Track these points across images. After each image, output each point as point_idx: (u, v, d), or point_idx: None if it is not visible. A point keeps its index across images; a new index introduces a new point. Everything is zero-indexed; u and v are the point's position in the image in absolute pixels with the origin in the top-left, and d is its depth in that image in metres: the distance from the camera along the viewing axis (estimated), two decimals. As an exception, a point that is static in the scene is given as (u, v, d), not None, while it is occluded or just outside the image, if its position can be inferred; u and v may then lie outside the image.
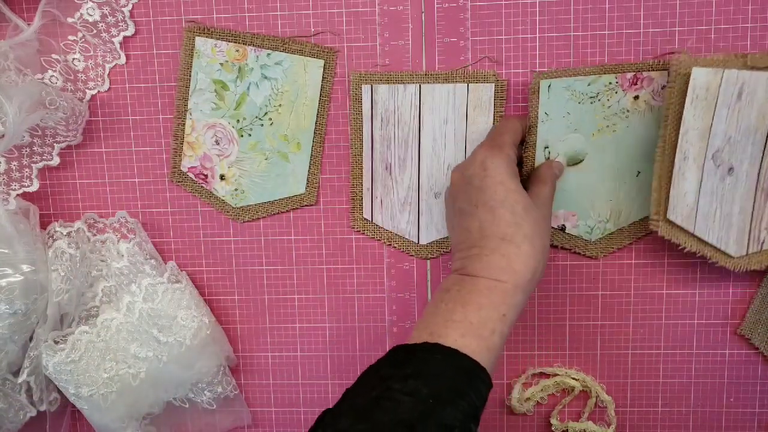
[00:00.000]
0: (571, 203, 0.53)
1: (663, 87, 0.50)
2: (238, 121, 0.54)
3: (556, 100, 0.52)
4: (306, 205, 0.56)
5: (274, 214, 0.56)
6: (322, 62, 0.53)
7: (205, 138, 0.55)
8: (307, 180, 0.55)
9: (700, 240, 0.49)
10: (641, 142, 0.52)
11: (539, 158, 0.52)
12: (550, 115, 0.52)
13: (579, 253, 0.54)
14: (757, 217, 0.48)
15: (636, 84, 0.51)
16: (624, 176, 0.52)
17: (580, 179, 0.53)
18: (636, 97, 0.51)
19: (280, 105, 0.54)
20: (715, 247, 0.49)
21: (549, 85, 0.51)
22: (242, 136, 0.55)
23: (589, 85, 0.51)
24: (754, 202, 0.47)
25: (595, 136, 0.52)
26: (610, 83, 0.51)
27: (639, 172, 0.52)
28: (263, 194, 0.56)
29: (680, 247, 0.49)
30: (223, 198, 0.56)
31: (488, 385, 0.41)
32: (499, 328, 0.42)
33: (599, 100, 0.51)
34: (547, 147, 0.52)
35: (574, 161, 0.53)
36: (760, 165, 0.47)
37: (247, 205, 0.56)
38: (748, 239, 0.48)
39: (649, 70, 0.51)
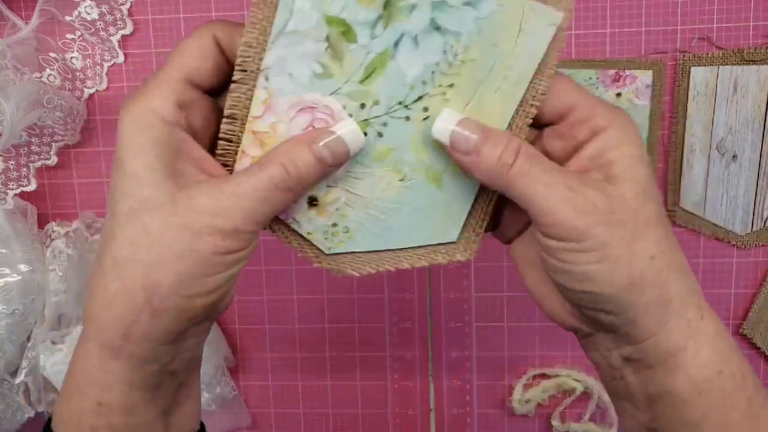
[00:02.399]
0: None
1: (647, 86, 0.51)
2: (362, 105, 0.29)
3: None
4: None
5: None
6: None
7: (291, 128, 0.29)
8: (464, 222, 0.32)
9: (712, 224, 0.53)
10: None
11: None
12: None
13: None
14: (761, 198, 0.52)
15: (618, 81, 0.51)
16: None
17: None
18: (618, 95, 0.51)
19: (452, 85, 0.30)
20: (724, 229, 0.53)
21: None
22: (366, 133, 0.30)
23: None
24: (757, 184, 0.52)
25: None
26: (590, 78, 0.51)
27: None
28: (382, 242, 0.32)
29: (697, 232, 0.53)
30: (309, 234, 0.31)
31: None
32: None
33: None
34: None
35: None
36: (761, 150, 0.51)
37: (344, 253, 0.32)
38: (753, 218, 0.52)
39: (632, 69, 0.51)
